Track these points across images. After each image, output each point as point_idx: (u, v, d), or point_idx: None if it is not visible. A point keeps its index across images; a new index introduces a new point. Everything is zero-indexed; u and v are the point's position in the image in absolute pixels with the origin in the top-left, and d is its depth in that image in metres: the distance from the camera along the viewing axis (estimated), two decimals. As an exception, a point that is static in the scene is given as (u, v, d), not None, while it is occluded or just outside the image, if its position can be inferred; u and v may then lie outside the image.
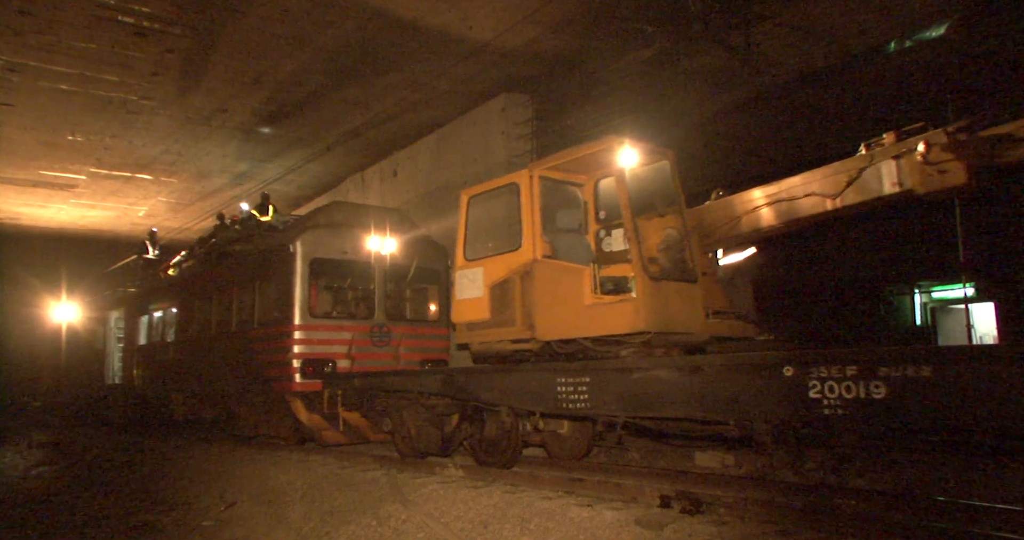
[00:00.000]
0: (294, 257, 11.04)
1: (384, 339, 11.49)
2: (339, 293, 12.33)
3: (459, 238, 8.19)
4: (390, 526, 6.53)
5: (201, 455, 12.03)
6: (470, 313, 7.87)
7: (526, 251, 7.38)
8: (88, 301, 22.23)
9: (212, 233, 15.87)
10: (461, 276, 8.03)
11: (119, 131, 17.58)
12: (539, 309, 7.14)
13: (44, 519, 8.98)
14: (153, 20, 12.37)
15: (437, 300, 12.66)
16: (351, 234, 11.64)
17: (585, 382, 6.42)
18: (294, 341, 10.79)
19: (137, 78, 14.61)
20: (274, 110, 16.44)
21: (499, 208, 8.16)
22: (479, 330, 7.78)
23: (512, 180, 7.78)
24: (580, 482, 6.96)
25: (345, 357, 10.97)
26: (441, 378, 8.16)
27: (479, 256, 7.96)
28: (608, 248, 7.84)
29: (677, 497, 5.68)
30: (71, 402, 22.70)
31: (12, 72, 14.20)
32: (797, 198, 6.75)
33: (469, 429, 8.17)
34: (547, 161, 7.77)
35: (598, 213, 8.16)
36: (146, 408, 16.63)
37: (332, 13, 12.17)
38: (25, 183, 21.87)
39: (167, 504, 9.56)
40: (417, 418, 8.71)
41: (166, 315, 16.10)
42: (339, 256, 11.47)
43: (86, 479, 12.42)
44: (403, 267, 12.01)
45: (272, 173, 20.31)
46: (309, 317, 10.92)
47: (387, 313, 11.79)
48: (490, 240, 8.14)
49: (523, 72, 14.26)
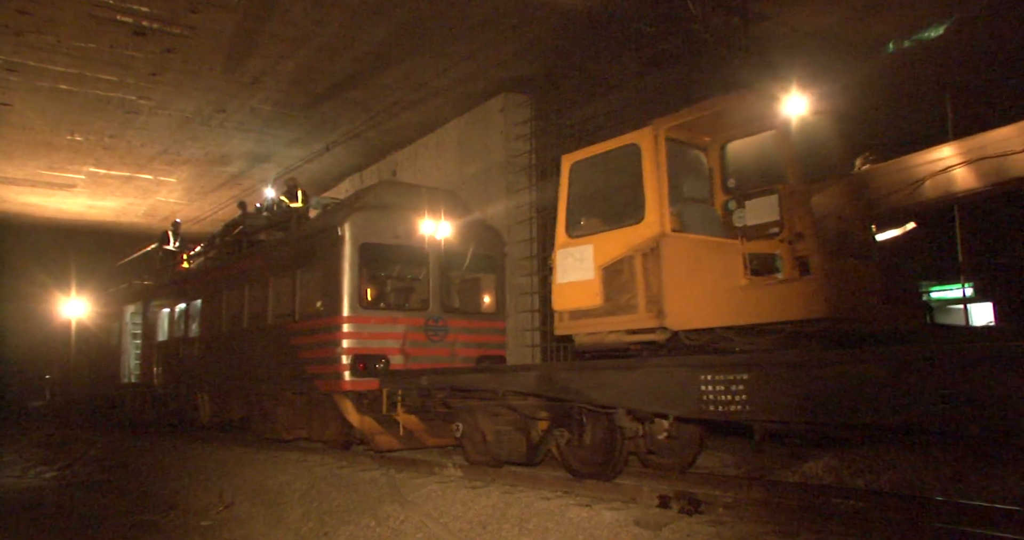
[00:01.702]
0: (342, 241, 9.95)
1: (439, 333, 10.48)
2: (391, 282, 11.39)
3: (560, 212, 7.12)
4: (389, 526, 6.53)
5: (200, 455, 12.02)
6: (576, 299, 6.79)
7: (651, 224, 6.27)
8: (100, 295, 21.21)
9: (236, 221, 14.88)
10: (564, 256, 6.95)
11: (118, 131, 17.57)
12: (670, 293, 6.02)
13: (43, 519, 8.97)
14: (152, 20, 12.35)
15: (493, 290, 11.60)
16: (402, 216, 10.52)
17: (742, 380, 5.26)
18: (343, 334, 9.77)
19: (136, 78, 14.59)
20: (271, 110, 16.44)
21: (612, 175, 6.99)
22: (587, 319, 6.69)
23: (631, 141, 6.64)
24: (579, 482, 6.96)
25: (399, 353, 9.98)
26: (536, 376, 7.04)
27: (587, 232, 6.88)
28: (741, 222, 6.52)
29: (676, 497, 5.68)
30: (82, 402, 21.71)
31: (11, 72, 14.18)
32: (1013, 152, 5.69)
33: (565, 435, 6.99)
34: (675, 117, 6.56)
35: (725, 181, 7.02)
36: (167, 409, 15.63)
37: (331, 13, 12.17)
38: (24, 183, 21.85)
39: (166, 504, 9.57)
40: (496, 422, 7.67)
41: (190, 309, 14.99)
42: (391, 241, 10.37)
43: (85, 479, 12.42)
44: (458, 254, 10.95)
45: (269, 173, 20.29)
46: (360, 308, 9.90)
47: (442, 304, 10.73)
48: (601, 213, 7.01)
49: (523, 72, 14.26)
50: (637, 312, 6.28)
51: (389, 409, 9.01)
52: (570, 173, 7.18)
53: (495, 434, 7.64)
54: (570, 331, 6.93)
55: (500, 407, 7.56)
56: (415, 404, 8.78)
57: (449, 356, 10.43)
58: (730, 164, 7.10)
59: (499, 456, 7.66)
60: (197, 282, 14.89)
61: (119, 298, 19.38)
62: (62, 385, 23.87)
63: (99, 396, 20.04)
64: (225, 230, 15.06)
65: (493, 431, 7.67)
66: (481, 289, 11.77)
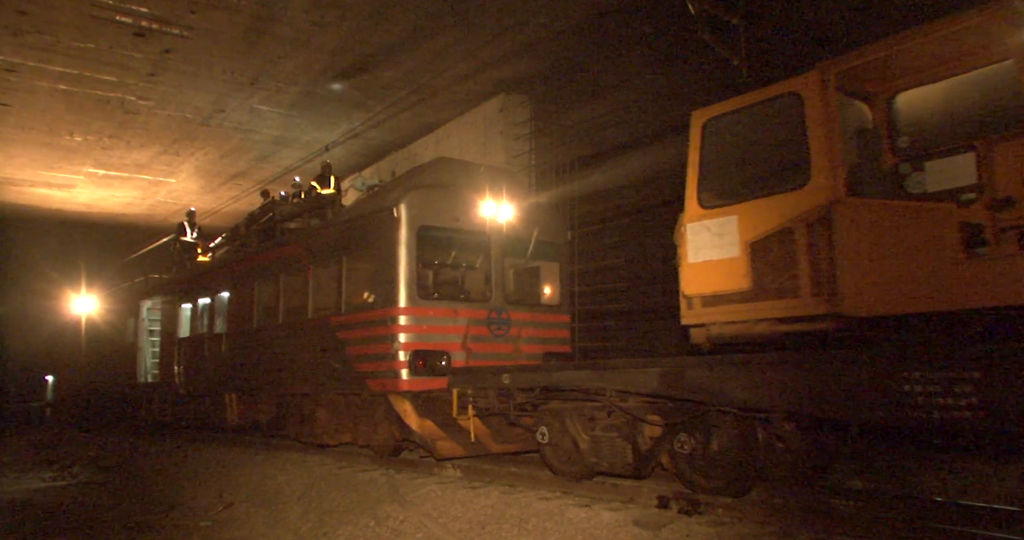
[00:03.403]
0: (398, 223, 8.95)
1: (502, 327, 9.50)
2: (450, 270, 10.48)
3: (690, 179, 6.11)
4: (388, 526, 6.52)
5: (199, 456, 12.01)
6: (713, 281, 5.82)
7: (820, 188, 5.24)
8: (113, 290, 20.28)
9: (264, 209, 14.01)
10: (697, 231, 5.97)
11: (117, 131, 17.58)
12: (848, 272, 5.01)
13: (39, 520, 8.96)
14: (151, 20, 12.36)
15: (557, 280, 10.57)
16: (462, 197, 9.53)
17: (972, 379, 4.26)
18: (400, 328, 8.74)
19: (135, 78, 14.60)
20: (270, 111, 16.46)
21: (761, 132, 6.03)
22: (727, 305, 5.74)
23: (789, 89, 5.61)
24: (578, 483, 6.94)
25: (460, 348, 9.05)
26: (660, 373, 5.93)
27: (728, 201, 5.86)
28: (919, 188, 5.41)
29: (675, 497, 5.67)
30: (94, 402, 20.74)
31: (10, 72, 14.18)
32: None
33: (687, 443, 5.94)
34: (846, 60, 5.47)
35: (895, 140, 5.93)
36: (190, 410, 14.68)
37: (330, 14, 12.18)
38: (24, 183, 21.82)
39: (165, 504, 9.56)
40: (592, 426, 6.67)
41: (215, 303, 13.89)
42: (450, 224, 9.40)
43: (83, 479, 12.40)
44: (521, 239, 10.00)
45: (268, 173, 20.30)
46: (418, 299, 8.92)
47: (505, 296, 9.78)
48: (747, 178, 5.98)
49: (522, 72, 14.27)
50: (798, 296, 5.27)
51: (459, 412, 8.01)
52: (703, 132, 6.10)
53: (591, 441, 6.64)
54: (702, 320, 5.91)
55: (598, 409, 6.62)
56: (493, 406, 7.74)
57: (513, 352, 9.50)
58: (901, 119, 5.90)
59: (596, 466, 6.65)
60: (223, 274, 13.81)
61: (134, 293, 18.36)
62: (72, 385, 22.91)
63: (113, 396, 19.10)
64: (252, 219, 14.25)
65: (589, 437, 6.67)
66: (543, 279, 10.78)
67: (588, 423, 6.67)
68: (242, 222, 14.86)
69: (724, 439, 5.76)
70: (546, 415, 7.09)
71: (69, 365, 22.87)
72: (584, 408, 6.73)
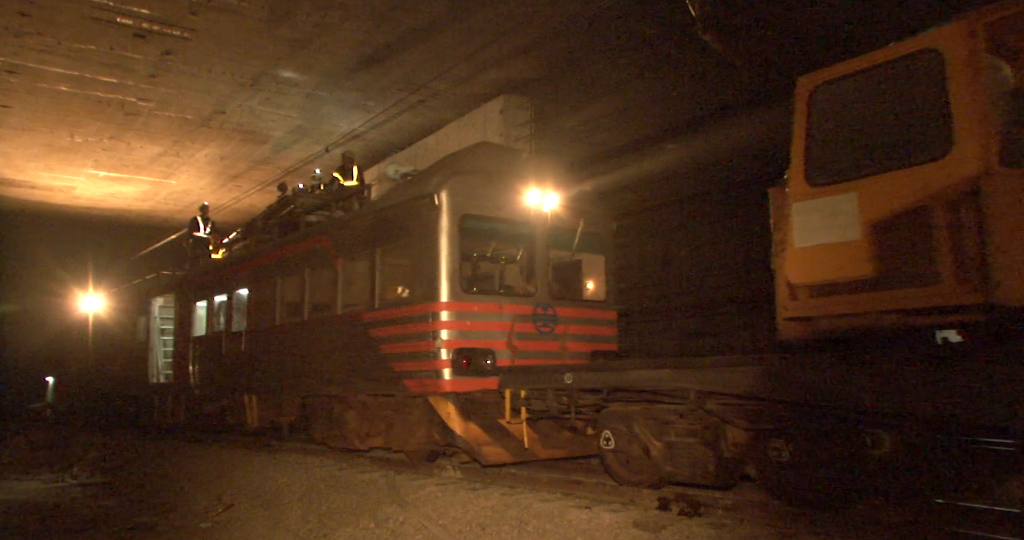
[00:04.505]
0: (439, 212, 8.35)
1: (548, 324, 8.93)
2: (493, 263, 9.97)
3: (796, 153, 5.41)
4: (388, 528, 6.52)
5: (199, 456, 12.01)
6: (827, 268, 5.09)
7: (966, 158, 4.53)
8: (122, 287, 19.62)
9: (284, 202, 13.50)
10: (806, 211, 5.26)
11: (117, 132, 17.59)
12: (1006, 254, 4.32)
13: (38, 522, 8.96)
14: (152, 22, 12.38)
15: (602, 274, 10.02)
16: (504, 185, 8.99)
17: None
18: (442, 324, 8.19)
19: (135, 80, 14.62)
20: (270, 112, 16.47)
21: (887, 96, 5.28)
22: (844, 295, 5.02)
23: (927, 44, 4.85)
24: (578, 484, 6.94)
25: (505, 346, 8.45)
26: (758, 372, 5.33)
27: (845, 177, 5.15)
28: None
29: (676, 499, 5.66)
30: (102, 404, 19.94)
31: (10, 74, 14.20)
32: None
33: (784, 451, 5.35)
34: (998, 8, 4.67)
35: None
36: (205, 412, 14.00)
37: (332, 15, 12.20)
38: (24, 184, 21.82)
39: (165, 506, 9.56)
40: (667, 431, 6.12)
41: (233, 299, 13.25)
42: (494, 213, 8.86)
43: (83, 481, 12.40)
44: (566, 230, 9.42)
45: (268, 175, 20.32)
46: (461, 293, 8.36)
47: (550, 290, 9.19)
48: (869, 149, 5.25)
49: (522, 74, 14.28)
50: (939, 284, 4.57)
51: (512, 415, 7.46)
52: (812, 100, 5.38)
53: (665, 447, 6.09)
54: (809, 312, 5.22)
55: (672, 413, 6.06)
56: (552, 408, 7.16)
57: (559, 351, 8.92)
58: None
59: (672, 475, 6.11)
60: (242, 269, 13.18)
61: (145, 290, 17.70)
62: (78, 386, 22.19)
63: (123, 397, 18.37)
64: (270, 212, 13.72)
65: (662, 443, 6.13)
66: (587, 273, 10.19)
67: (661, 427, 6.14)
68: (259, 215, 14.37)
69: (833, 448, 5.15)
70: (611, 419, 6.55)
71: (75, 366, 22.31)
72: (655, 411, 6.17)
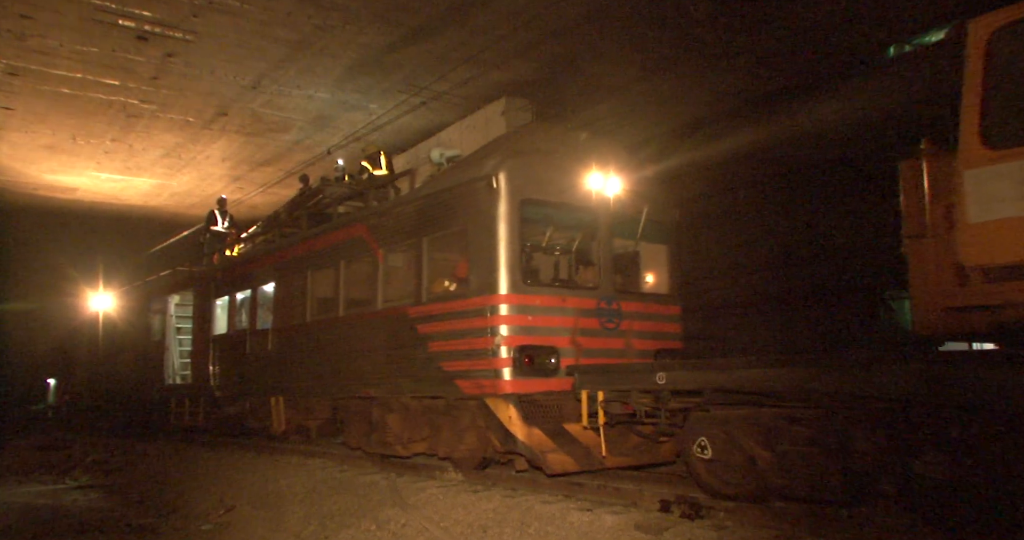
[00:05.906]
0: (497, 195, 7.55)
1: (613, 319, 8.17)
2: (554, 252, 9.35)
3: (967, 111, 4.66)
4: (389, 530, 6.52)
5: (200, 459, 12.01)
6: (1014, 247, 4.38)
7: None
8: (136, 285, 18.78)
9: (311, 192, 12.84)
10: (982, 179, 4.55)
11: (119, 135, 17.62)
12: None
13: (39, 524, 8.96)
14: (154, 24, 12.39)
15: (666, 266, 9.31)
16: (564, 167, 8.20)
17: None
18: (502, 319, 7.39)
19: (138, 82, 14.64)
20: (273, 113, 16.49)
21: None
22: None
23: None
24: (580, 486, 6.93)
25: (569, 344, 7.72)
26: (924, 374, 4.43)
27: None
28: None
29: (677, 501, 5.66)
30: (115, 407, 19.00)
31: (13, 76, 14.22)
32: None
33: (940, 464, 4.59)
34: None
35: None
36: (227, 415, 13.33)
37: (333, 17, 12.21)
38: (26, 186, 21.83)
39: (166, 508, 9.56)
40: (778, 439, 5.31)
41: (257, 296, 12.49)
42: (555, 198, 8.06)
43: (84, 483, 12.41)
44: (629, 218, 8.62)
45: (271, 176, 20.33)
46: (522, 285, 7.56)
47: (614, 283, 8.43)
48: None
49: (524, 75, 14.28)
50: None
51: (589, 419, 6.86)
52: (990, 47, 4.60)
53: (776, 457, 5.30)
54: (987, 300, 4.58)
55: (781, 419, 5.30)
56: (639, 412, 6.48)
57: (624, 348, 8.22)
58: None
59: (785, 490, 5.27)
60: (267, 263, 12.37)
61: (160, 287, 16.91)
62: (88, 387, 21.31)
63: (136, 399, 17.43)
64: (294, 203, 13.06)
65: (771, 453, 5.35)
66: (650, 264, 9.44)
67: (768, 435, 5.36)
68: (282, 207, 13.79)
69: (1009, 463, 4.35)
70: (706, 424, 5.81)
71: (84, 366, 21.72)
72: (761, 416, 5.44)
